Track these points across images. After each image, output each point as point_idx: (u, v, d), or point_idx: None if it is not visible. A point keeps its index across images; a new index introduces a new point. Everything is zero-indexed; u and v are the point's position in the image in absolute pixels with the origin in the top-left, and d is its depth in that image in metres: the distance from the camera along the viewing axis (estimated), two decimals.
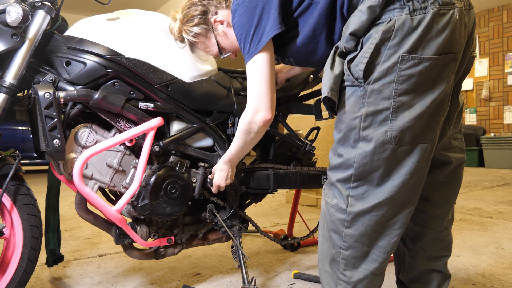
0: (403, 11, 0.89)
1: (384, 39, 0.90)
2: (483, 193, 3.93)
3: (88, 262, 1.96)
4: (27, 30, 1.20)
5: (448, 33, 0.89)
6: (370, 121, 0.93)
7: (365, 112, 0.93)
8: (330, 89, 0.97)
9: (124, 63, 1.28)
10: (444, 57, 0.90)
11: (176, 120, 1.43)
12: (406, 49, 0.89)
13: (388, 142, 0.92)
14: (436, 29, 0.89)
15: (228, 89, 1.51)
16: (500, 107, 7.03)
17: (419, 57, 0.89)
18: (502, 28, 7.02)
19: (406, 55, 0.89)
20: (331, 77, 0.97)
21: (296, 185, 1.65)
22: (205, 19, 1.23)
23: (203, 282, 1.66)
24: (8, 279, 1.25)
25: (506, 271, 1.73)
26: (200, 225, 1.55)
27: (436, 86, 0.92)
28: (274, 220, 2.84)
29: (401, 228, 0.98)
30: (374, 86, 0.92)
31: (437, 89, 0.92)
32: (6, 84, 1.17)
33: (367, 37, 0.92)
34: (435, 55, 0.89)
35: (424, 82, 0.91)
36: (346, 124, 0.97)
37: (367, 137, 0.93)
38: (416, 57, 0.89)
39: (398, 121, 0.91)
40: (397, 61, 0.89)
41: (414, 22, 0.88)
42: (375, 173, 0.94)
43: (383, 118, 0.92)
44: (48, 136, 1.17)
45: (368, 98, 0.93)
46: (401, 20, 0.88)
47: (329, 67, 0.99)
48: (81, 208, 1.35)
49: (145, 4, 7.28)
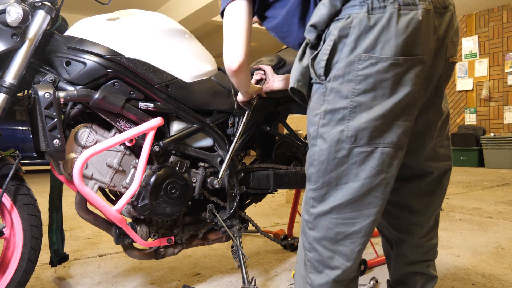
0: (362, 9, 0.87)
1: (341, 36, 0.88)
2: (483, 193, 3.93)
3: (88, 262, 1.96)
4: (27, 30, 1.20)
5: (409, 34, 0.86)
6: (328, 119, 0.92)
7: (324, 109, 0.92)
8: (297, 80, 0.96)
9: (124, 63, 1.28)
10: (406, 59, 0.88)
11: (176, 120, 1.43)
12: (363, 48, 0.87)
13: (344, 141, 0.90)
14: (396, 29, 0.86)
15: (228, 89, 1.51)
16: (500, 107, 7.03)
17: (377, 56, 0.86)
18: (502, 28, 7.02)
19: (363, 55, 0.87)
20: (299, 68, 0.96)
21: (296, 185, 1.65)
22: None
23: (203, 282, 1.66)
24: (8, 279, 1.25)
25: (506, 271, 1.73)
26: (200, 225, 1.55)
27: (399, 89, 0.89)
28: (274, 220, 2.84)
29: (366, 236, 0.94)
30: (333, 84, 0.91)
31: (400, 92, 0.89)
32: (6, 84, 1.17)
33: (328, 33, 0.91)
34: (394, 56, 0.87)
35: (383, 84, 0.88)
36: (309, 120, 0.97)
37: (324, 134, 0.92)
38: (373, 56, 0.86)
39: (355, 121, 0.89)
40: (354, 60, 0.88)
41: (372, 21, 0.86)
42: (333, 173, 0.92)
43: (341, 117, 0.90)
44: (48, 136, 1.17)
45: (327, 96, 0.92)
46: (358, 18, 0.87)
47: (298, 58, 0.98)
48: (81, 208, 1.35)
49: (145, 4, 7.28)
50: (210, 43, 10.04)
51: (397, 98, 0.89)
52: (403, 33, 0.86)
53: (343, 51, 0.89)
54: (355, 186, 0.91)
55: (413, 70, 0.89)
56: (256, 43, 10.27)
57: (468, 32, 7.45)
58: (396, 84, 0.88)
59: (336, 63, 0.90)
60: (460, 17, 7.52)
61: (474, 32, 7.36)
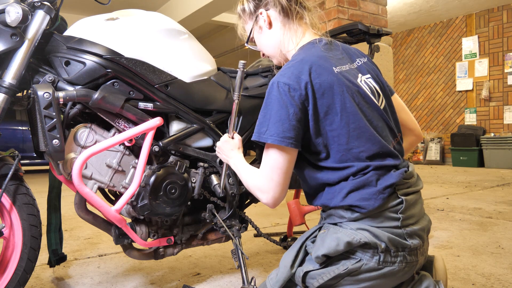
0: (373, 259, 0.97)
1: (347, 273, 0.98)
2: (483, 193, 3.93)
3: (88, 262, 1.96)
4: (26, 30, 1.20)
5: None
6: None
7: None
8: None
9: (124, 63, 1.28)
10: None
11: (175, 120, 1.42)
12: (361, 286, 0.99)
13: None
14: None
15: (227, 89, 1.50)
16: (500, 107, 7.03)
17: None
18: (502, 28, 7.01)
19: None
20: (286, 276, 1.04)
21: (296, 185, 1.65)
22: (256, 4, 1.22)
23: (203, 282, 1.66)
24: (8, 278, 1.25)
25: (506, 271, 1.73)
26: (200, 225, 1.55)
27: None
28: (274, 220, 2.84)
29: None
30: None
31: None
32: (6, 84, 1.16)
33: (335, 261, 1.00)
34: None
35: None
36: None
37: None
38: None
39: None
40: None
41: (381, 271, 0.98)
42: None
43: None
44: (47, 136, 1.16)
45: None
46: (368, 266, 0.98)
47: (290, 264, 1.05)
48: (81, 208, 1.34)
49: (145, 4, 7.28)
50: (210, 43, 10.05)
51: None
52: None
53: (342, 282, 1.00)
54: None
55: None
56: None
57: (468, 32, 7.45)
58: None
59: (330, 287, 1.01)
60: (460, 17, 7.52)
61: (474, 32, 7.36)
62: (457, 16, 7.56)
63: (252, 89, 1.55)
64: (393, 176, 1.02)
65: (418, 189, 1.10)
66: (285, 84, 1.02)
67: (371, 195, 0.99)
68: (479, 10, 7.23)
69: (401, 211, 1.01)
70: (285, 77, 1.03)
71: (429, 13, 7.38)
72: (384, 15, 4.01)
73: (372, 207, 0.98)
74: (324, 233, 1.03)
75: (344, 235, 0.98)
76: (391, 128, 1.12)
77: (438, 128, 7.90)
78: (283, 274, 1.04)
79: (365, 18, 3.84)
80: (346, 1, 3.73)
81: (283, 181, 1.05)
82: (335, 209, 1.05)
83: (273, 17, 1.20)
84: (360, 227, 0.99)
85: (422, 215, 1.08)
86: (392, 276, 1.00)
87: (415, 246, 1.01)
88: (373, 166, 1.01)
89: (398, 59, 8.53)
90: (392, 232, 0.99)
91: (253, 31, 1.25)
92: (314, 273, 1.00)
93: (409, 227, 1.01)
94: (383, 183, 1.00)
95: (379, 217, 1.00)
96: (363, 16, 3.84)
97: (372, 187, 1.00)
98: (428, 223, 1.09)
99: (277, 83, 1.03)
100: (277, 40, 1.20)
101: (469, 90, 7.42)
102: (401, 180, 1.03)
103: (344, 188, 1.02)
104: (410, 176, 1.08)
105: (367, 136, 1.03)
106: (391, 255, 0.98)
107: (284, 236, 2.09)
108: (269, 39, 1.22)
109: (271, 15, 1.20)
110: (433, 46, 7.95)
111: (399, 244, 0.98)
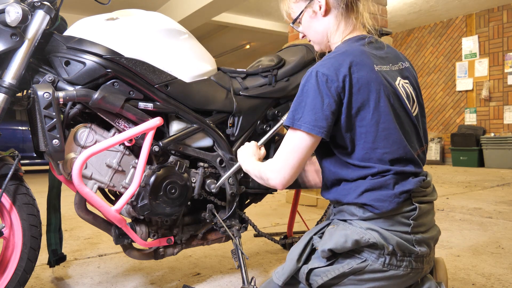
0: (378, 260, 0.98)
1: (352, 272, 0.99)
2: (483, 193, 3.93)
3: (88, 262, 1.96)
4: (26, 30, 1.20)
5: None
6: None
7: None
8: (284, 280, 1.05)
9: (124, 63, 1.28)
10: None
11: (175, 120, 1.42)
12: (364, 287, 0.99)
13: None
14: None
15: (227, 89, 1.50)
16: (500, 107, 7.03)
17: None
18: (502, 28, 7.01)
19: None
20: (293, 269, 1.05)
21: (296, 185, 1.65)
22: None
23: (203, 282, 1.66)
24: (8, 278, 1.25)
25: (506, 271, 1.73)
26: (200, 225, 1.55)
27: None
28: (274, 220, 2.84)
29: None
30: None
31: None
32: (6, 84, 1.16)
33: (341, 259, 1.01)
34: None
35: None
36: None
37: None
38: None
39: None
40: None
41: (385, 273, 0.99)
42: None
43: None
44: (47, 136, 1.16)
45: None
46: (373, 267, 0.98)
47: (296, 258, 1.05)
48: (81, 208, 1.34)
49: (145, 4, 7.28)
50: (210, 43, 10.05)
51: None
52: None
53: (346, 281, 1.01)
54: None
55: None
56: (256, 43, 10.27)
57: (468, 32, 7.45)
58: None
59: (334, 286, 1.01)
60: (460, 17, 7.52)
61: (474, 32, 7.36)
62: (457, 16, 7.56)
63: (252, 89, 1.55)
64: (411, 182, 1.02)
65: (433, 199, 1.10)
66: (324, 74, 1.01)
67: (386, 197, 0.99)
68: (479, 10, 7.23)
69: (413, 218, 1.01)
70: (325, 68, 1.02)
71: (429, 13, 7.38)
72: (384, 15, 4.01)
73: (386, 209, 0.98)
74: (333, 228, 1.03)
75: (353, 233, 0.98)
76: (419, 136, 1.12)
77: (438, 128, 7.90)
78: (289, 267, 1.04)
79: None
80: None
81: (297, 165, 1.04)
82: (348, 206, 1.05)
83: (332, 5, 1.15)
84: (370, 227, 0.99)
85: (432, 225, 1.09)
86: (396, 280, 1.00)
87: (422, 254, 1.01)
88: (394, 170, 1.02)
89: None
90: (401, 237, 0.99)
91: (303, 13, 1.19)
92: (319, 270, 1.01)
93: (419, 234, 1.02)
94: (400, 188, 1.01)
95: (391, 220, 1.00)
96: None
97: (389, 190, 1.00)
98: (437, 234, 1.09)
99: (316, 72, 1.03)
100: (328, 28, 1.17)
101: (469, 90, 7.42)
102: (418, 188, 1.03)
103: (360, 186, 1.02)
104: (427, 185, 1.08)
105: (394, 139, 1.03)
106: (397, 259, 0.98)
107: (284, 236, 2.08)
108: (320, 26, 1.18)
109: (331, 2, 1.15)
110: (433, 46, 7.95)
111: (406, 249, 0.99)
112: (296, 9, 1.20)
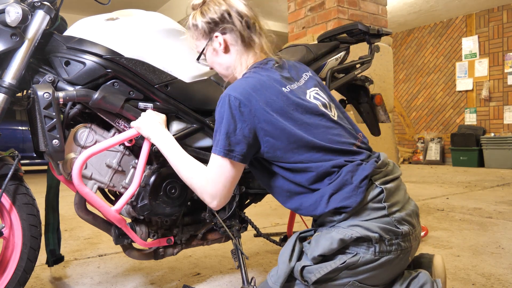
0: (369, 251, 1.00)
1: (345, 267, 1.00)
2: (483, 193, 3.93)
3: (88, 262, 1.96)
4: (26, 30, 1.20)
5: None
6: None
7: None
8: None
9: (124, 63, 1.28)
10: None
11: (175, 120, 1.42)
12: (360, 278, 1.01)
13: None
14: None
15: None
16: (500, 107, 7.03)
17: (366, 285, 1.02)
18: (502, 28, 7.01)
19: (357, 283, 1.02)
20: (287, 271, 1.05)
21: None
22: (212, 27, 1.19)
23: (203, 282, 1.66)
24: (8, 278, 1.25)
25: (506, 271, 1.73)
26: (200, 225, 1.55)
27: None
28: (274, 220, 2.84)
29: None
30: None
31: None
32: (6, 84, 1.16)
33: (332, 255, 1.03)
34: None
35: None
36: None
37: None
38: (364, 286, 1.02)
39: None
40: (347, 282, 1.01)
41: (378, 261, 1.00)
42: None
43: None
44: (47, 136, 1.16)
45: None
46: (365, 259, 1.00)
47: (288, 259, 1.06)
48: (80, 208, 1.34)
49: (145, 4, 7.28)
50: None
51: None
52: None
53: (340, 275, 1.02)
54: None
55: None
56: None
57: (468, 32, 7.45)
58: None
59: (330, 281, 1.02)
60: (460, 17, 7.52)
61: (474, 32, 7.36)
62: (457, 16, 7.56)
63: None
64: (366, 168, 1.05)
65: (397, 175, 1.13)
66: (236, 98, 1.05)
67: (350, 192, 1.02)
68: (479, 10, 7.23)
69: (384, 200, 1.04)
70: (237, 92, 1.06)
71: (429, 13, 7.37)
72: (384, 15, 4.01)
73: (356, 203, 1.01)
74: (318, 235, 1.06)
75: (336, 234, 1.01)
76: (349, 131, 1.17)
77: (438, 128, 7.90)
78: (283, 269, 1.05)
79: (365, 18, 3.84)
80: (346, 1, 3.73)
81: (230, 187, 1.10)
82: (324, 216, 1.08)
83: (229, 43, 1.19)
84: (351, 224, 1.02)
85: (406, 201, 1.11)
86: (389, 265, 1.02)
87: (406, 232, 1.04)
88: (341, 162, 1.06)
89: (398, 59, 8.53)
90: (382, 222, 1.02)
91: (205, 50, 1.23)
92: (311, 267, 1.02)
93: (396, 213, 1.04)
94: (358, 177, 1.03)
95: (366, 210, 1.03)
96: (363, 16, 3.84)
97: (349, 184, 1.03)
98: (415, 208, 1.12)
99: (228, 96, 1.06)
100: (231, 62, 1.21)
101: (469, 90, 7.42)
102: (375, 170, 1.07)
103: (324, 194, 1.05)
104: (383, 164, 1.12)
105: (308, 145, 1.07)
106: (386, 244, 1.00)
107: (284, 236, 2.08)
108: (223, 61, 1.22)
109: (228, 40, 1.19)
110: (433, 46, 7.95)
111: (391, 231, 1.01)
112: (200, 46, 1.25)
